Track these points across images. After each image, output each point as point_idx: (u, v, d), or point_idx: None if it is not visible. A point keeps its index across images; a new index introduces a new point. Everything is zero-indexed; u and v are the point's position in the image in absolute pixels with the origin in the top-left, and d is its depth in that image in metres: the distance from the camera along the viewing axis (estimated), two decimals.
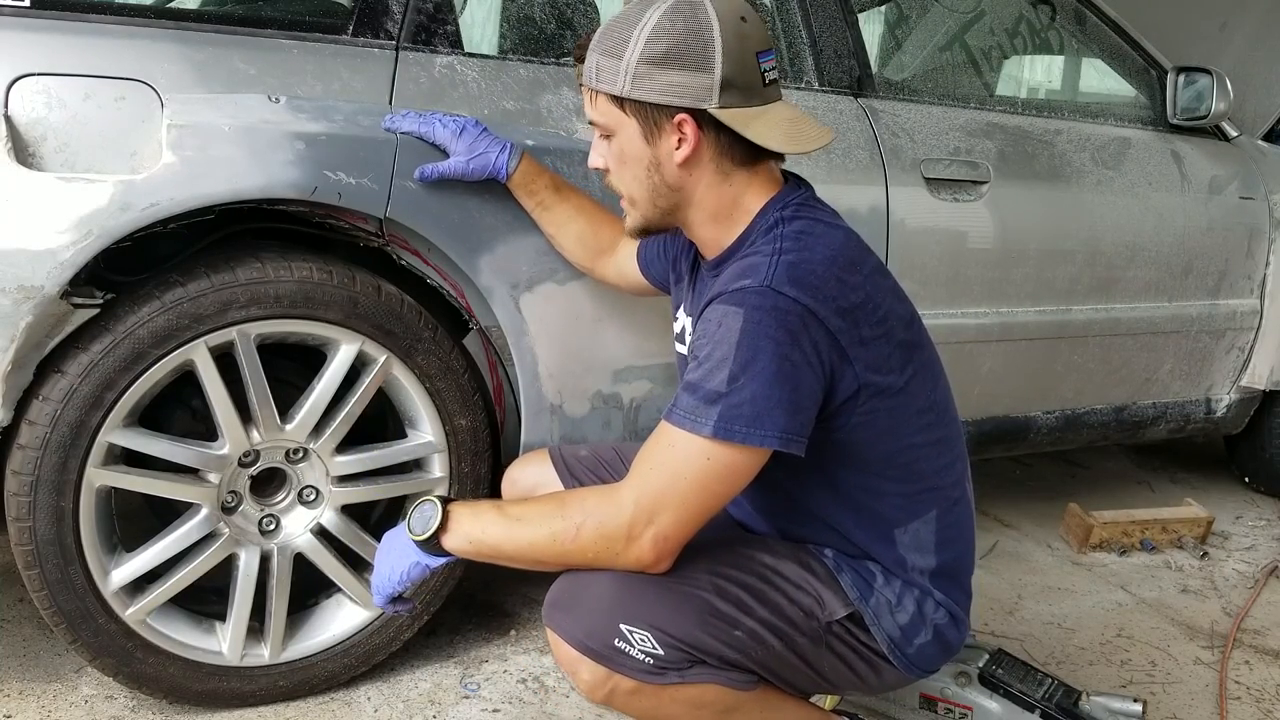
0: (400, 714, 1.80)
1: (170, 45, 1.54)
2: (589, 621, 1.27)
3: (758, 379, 1.19)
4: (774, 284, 1.22)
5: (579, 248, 1.72)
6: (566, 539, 1.24)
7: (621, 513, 1.22)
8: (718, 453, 1.20)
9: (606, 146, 1.35)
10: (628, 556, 1.24)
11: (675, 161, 1.31)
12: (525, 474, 1.69)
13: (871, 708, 1.78)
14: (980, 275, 2.25)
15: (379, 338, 1.68)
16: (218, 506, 1.67)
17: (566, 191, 1.71)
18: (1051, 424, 2.53)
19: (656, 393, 1.90)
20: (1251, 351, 2.82)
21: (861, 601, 1.35)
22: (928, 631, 1.37)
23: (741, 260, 1.30)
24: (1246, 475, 3.25)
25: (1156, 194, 2.53)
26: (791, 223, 1.31)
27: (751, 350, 1.19)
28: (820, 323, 1.22)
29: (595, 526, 1.24)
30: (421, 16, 1.71)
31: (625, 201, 1.39)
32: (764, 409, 1.18)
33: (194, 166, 1.49)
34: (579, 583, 1.30)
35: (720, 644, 1.28)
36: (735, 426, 1.18)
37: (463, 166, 1.63)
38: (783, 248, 1.27)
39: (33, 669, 1.84)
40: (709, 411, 1.19)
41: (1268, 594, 2.52)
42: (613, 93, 1.29)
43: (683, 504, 1.22)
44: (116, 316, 1.52)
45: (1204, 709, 2.00)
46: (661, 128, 1.29)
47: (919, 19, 2.91)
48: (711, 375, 1.20)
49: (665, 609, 1.26)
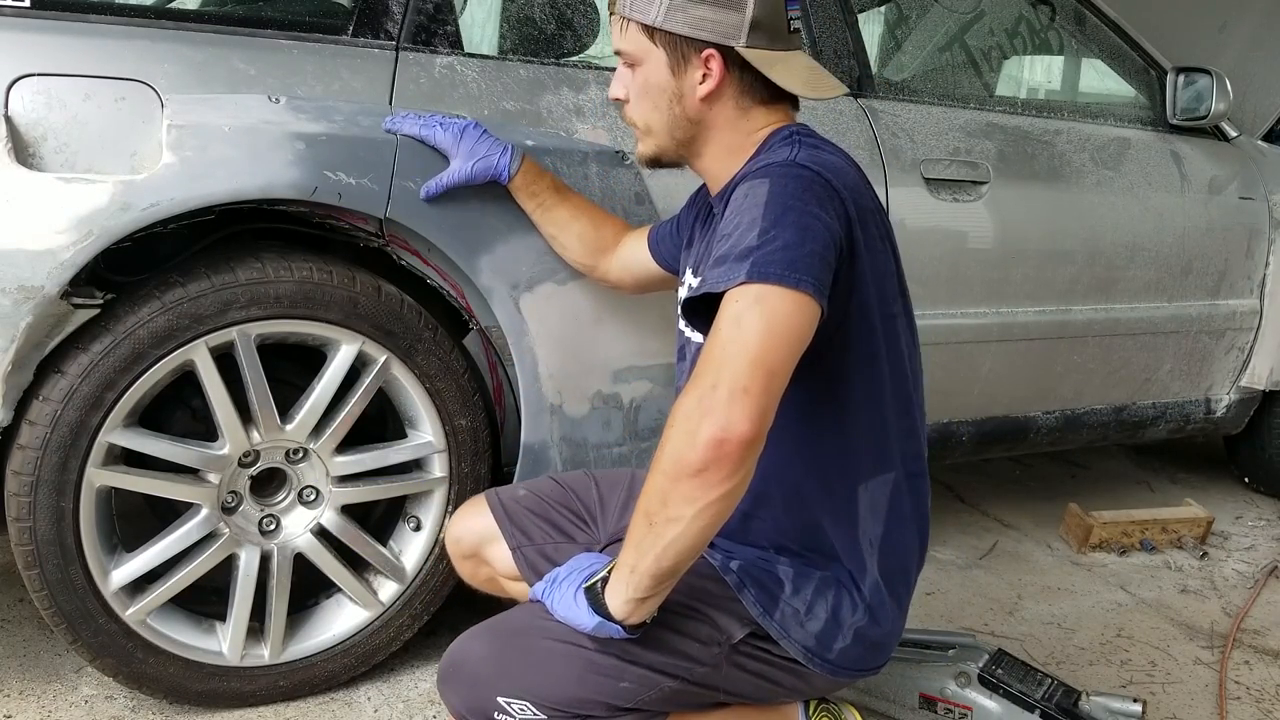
0: (400, 714, 1.80)
1: (170, 45, 1.54)
2: (469, 695, 1.26)
3: (789, 229, 1.17)
4: (799, 160, 1.25)
5: (580, 247, 1.72)
6: (686, 466, 1.10)
7: (701, 401, 1.10)
8: (762, 297, 1.13)
9: (630, 76, 1.37)
10: (727, 435, 1.09)
11: (697, 95, 1.33)
12: (468, 529, 1.60)
13: (871, 708, 1.78)
14: (980, 275, 2.25)
15: (379, 338, 1.68)
16: (218, 507, 1.67)
17: (567, 193, 1.72)
18: (1051, 424, 2.53)
19: (656, 393, 1.90)
20: (1251, 352, 2.82)
21: (765, 617, 1.31)
22: (845, 635, 1.34)
23: (752, 161, 1.33)
24: (1246, 475, 3.26)
25: (1156, 194, 2.53)
26: (808, 137, 1.34)
27: (780, 208, 1.19)
28: (841, 202, 1.24)
29: (688, 433, 1.10)
30: (421, 17, 1.71)
31: (641, 131, 1.40)
32: (797, 256, 1.15)
33: (194, 167, 1.49)
34: (460, 652, 1.28)
35: (605, 697, 1.25)
36: (771, 269, 1.14)
37: (466, 173, 1.63)
38: (802, 145, 1.30)
39: (33, 669, 1.84)
40: (741, 265, 1.15)
41: (1267, 594, 2.53)
42: (645, 21, 1.31)
43: (744, 355, 1.10)
44: (117, 317, 1.52)
45: (1204, 709, 2.00)
46: (688, 61, 1.32)
47: (919, 19, 2.91)
48: (741, 238, 1.18)
49: (541, 674, 1.24)
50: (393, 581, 1.82)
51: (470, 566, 1.63)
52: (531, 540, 1.55)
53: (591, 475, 1.63)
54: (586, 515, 1.58)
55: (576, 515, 1.58)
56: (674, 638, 1.28)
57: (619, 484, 1.60)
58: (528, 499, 1.59)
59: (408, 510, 1.85)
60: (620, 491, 1.58)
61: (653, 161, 1.43)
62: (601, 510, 1.57)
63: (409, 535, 1.84)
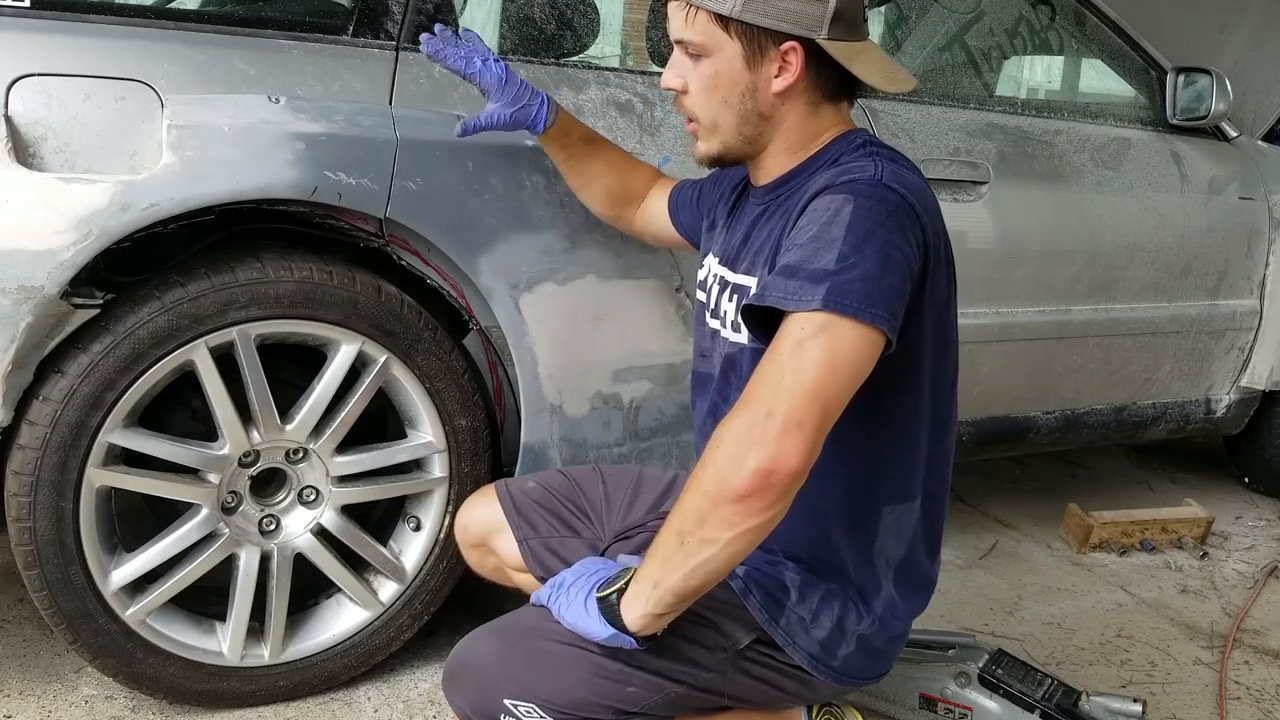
0: (400, 714, 1.80)
1: (170, 45, 1.54)
2: (475, 697, 1.24)
3: (869, 259, 1.12)
4: (885, 180, 1.20)
5: (606, 199, 1.69)
6: (730, 491, 1.09)
7: (753, 429, 1.08)
8: (831, 327, 1.10)
9: (691, 67, 1.29)
10: (776, 466, 1.08)
11: (773, 90, 1.27)
12: (476, 519, 1.60)
13: (871, 708, 1.78)
14: (980, 276, 2.25)
15: (379, 338, 1.68)
16: (218, 507, 1.67)
17: (598, 146, 1.68)
18: (1051, 424, 2.53)
19: (656, 393, 1.90)
20: (1251, 352, 2.82)
21: (770, 624, 1.31)
22: (849, 643, 1.33)
23: (832, 169, 1.26)
24: (1246, 475, 3.25)
25: (1156, 194, 2.53)
26: (883, 149, 1.29)
27: (863, 234, 1.14)
28: (923, 229, 1.20)
29: (736, 459, 1.08)
30: (421, 17, 1.71)
31: (704, 128, 1.32)
32: (875, 289, 1.11)
33: (194, 167, 1.49)
34: (465, 653, 1.26)
35: (612, 701, 1.24)
36: (848, 301, 1.10)
37: (505, 117, 1.59)
38: (882, 160, 1.24)
39: (33, 669, 1.84)
40: (816, 289, 1.11)
41: (1267, 594, 2.53)
42: (720, 11, 1.23)
43: (801, 386, 1.08)
44: (117, 317, 1.52)
45: (1204, 709, 2.00)
46: (766, 53, 1.25)
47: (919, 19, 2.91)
48: (817, 256, 1.13)
49: (549, 677, 1.22)
50: (393, 581, 1.82)
51: (478, 555, 1.63)
52: (537, 533, 1.55)
53: (599, 470, 1.63)
54: (591, 511, 1.58)
55: (581, 510, 1.58)
56: (680, 644, 1.27)
57: (625, 481, 1.60)
58: (535, 491, 1.59)
59: (408, 510, 1.85)
60: (626, 489, 1.58)
61: (716, 160, 1.35)
62: (606, 507, 1.57)
63: (409, 535, 1.84)
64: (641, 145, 1.83)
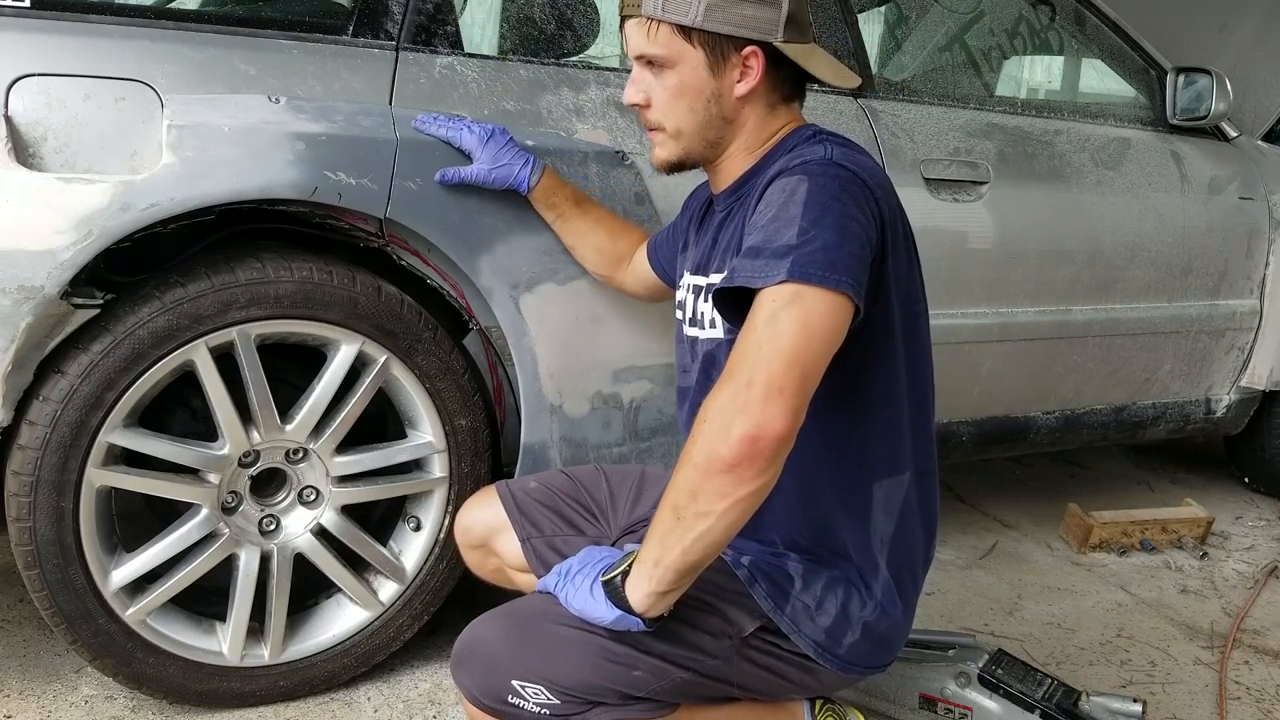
0: (400, 714, 1.80)
1: (170, 45, 1.54)
2: (483, 679, 1.25)
3: (828, 230, 1.17)
4: (835, 159, 1.25)
5: (598, 258, 1.74)
6: (719, 461, 1.11)
7: (736, 398, 1.11)
8: (800, 296, 1.13)
9: (654, 80, 1.34)
10: (762, 432, 1.10)
11: (735, 94, 1.33)
12: (477, 520, 1.60)
13: (871, 708, 1.78)
14: (980, 276, 2.25)
15: (379, 338, 1.68)
16: (218, 507, 1.67)
17: (587, 205, 1.73)
18: (1051, 424, 2.53)
19: (656, 393, 1.90)
20: (1251, 352, 2.82)
21: (776, 612, 1.32)
22: (854, 630, 1.34)
23: (786, 158, 1.30)
24: (1246, 475, 3.26)
25: (1156, 194, 2.53)
26: (834, 136, 1.34)
27: (819, 208, 1.18)
28: (875, 202, 1.24)
29: (722, 428, 1.10)
30: (421, 17, 1.71)
31: (667, 135, 1.37)
32: (836, 257, 1.15)
33: (194, 167, 1.49)
34: (474, 636, 1.28)
35: (618, 685, 1.25)
36: (812, 270, 1.14)
37: (485, 175, 1.64)
38: (833, 144, 1.30)
39: (33, 669, 1.84)
40: (780, 263, 1.15)
41: (1267, 594, 2.53)
42: (682, 23, 1.29)
43: (779, 354, 1.11)
44: (116, 317, 1.52)
45: (1204, 709, 2.00)
46: (728, 59, 1.31)
47: (919, 19, 2.91)
48: (779, 234, 1.17)
49: (556, 659, 1.24)
50: (393, 582, 1.82)
51: (478, 557, 1.63)
52: (541, 532, 1.55)
53: (601, 470, 1.64)
54: (596, 509, 1.58)
55: (586, 509, 1.58)
56: (686, 630, 1.28)
57: (628, 479, 1.61)
58: (538, 491, 1.60)
59: (408, 510, 1.85)
60: (630, 487, 1.59)
61: (676, 166, 1.40)
62: (611, 505, 1.58)
63: (409, 535, 1.84)
64: (641, 145, 1.83)
